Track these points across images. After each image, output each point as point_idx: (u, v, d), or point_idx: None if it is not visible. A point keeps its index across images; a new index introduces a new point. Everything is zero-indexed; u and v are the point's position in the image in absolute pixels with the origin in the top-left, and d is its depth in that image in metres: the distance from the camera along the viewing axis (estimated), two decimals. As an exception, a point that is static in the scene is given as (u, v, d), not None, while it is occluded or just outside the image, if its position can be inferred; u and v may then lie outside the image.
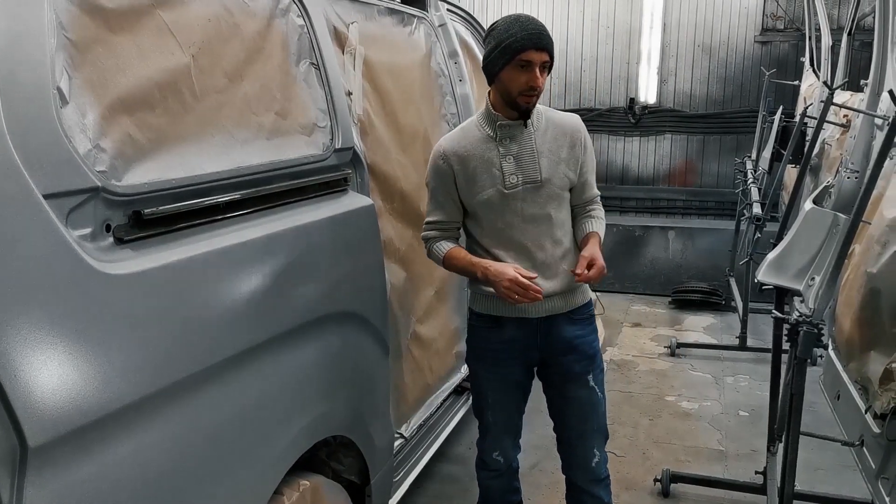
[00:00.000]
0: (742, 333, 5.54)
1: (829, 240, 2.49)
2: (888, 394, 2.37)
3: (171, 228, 1.67)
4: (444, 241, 2.64)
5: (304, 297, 2.10)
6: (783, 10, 7.17)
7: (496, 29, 2.49)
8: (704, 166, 7.64)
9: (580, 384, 2.67)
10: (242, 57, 2.01)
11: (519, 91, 2.46)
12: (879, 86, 3.74)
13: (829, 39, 5.38)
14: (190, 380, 1.65)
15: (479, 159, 2.55)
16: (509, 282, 2.39)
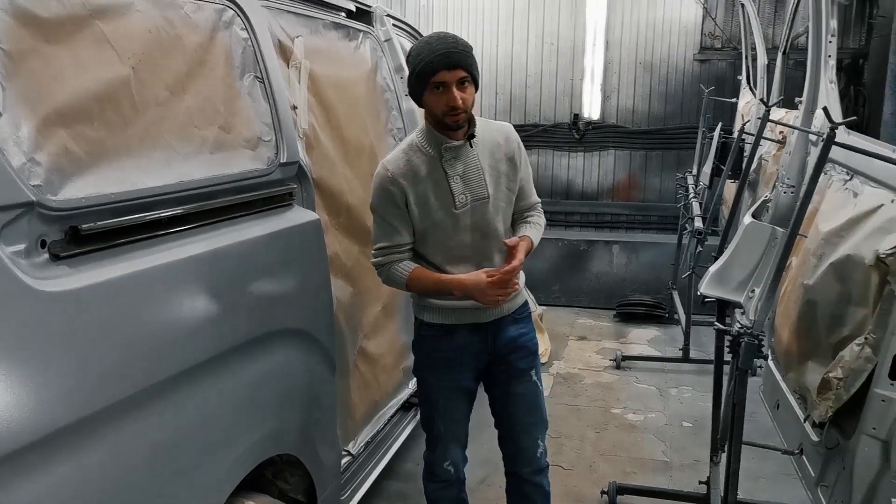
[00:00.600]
0: (685, 345, 5.62)
1: (767, 253, 2.55)
2: (826, 403, 2.42)
3: (110, 244, 1.63)
4: (401, 263, 2.61)
5: (249, 314, 2.07)
6: (720, 29, 7.36)
7: (411, 54, 2.51)
8: (647, 181, 7.77)
9: (525, 380, 2.76)
10: (184, 69, 1.97)
11: (442, 112, 2.48)
12: (813, 103, 3.85)
13: (765, 58, 5.54)
14: (130, 400, 1.61)
15: (427, 181, 2.56)
16: (490, 286, 2.47)
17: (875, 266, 2.29)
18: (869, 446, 2.25)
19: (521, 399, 2.78)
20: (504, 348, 2.72)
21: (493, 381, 2.80)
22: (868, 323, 2.35)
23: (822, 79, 3.24)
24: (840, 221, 2.65)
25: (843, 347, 2.46)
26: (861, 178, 2.70)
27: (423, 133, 2.62)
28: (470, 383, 2.77)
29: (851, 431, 2.35)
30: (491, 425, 2.85)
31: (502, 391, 2.79)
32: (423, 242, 2.64)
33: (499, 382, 2.79)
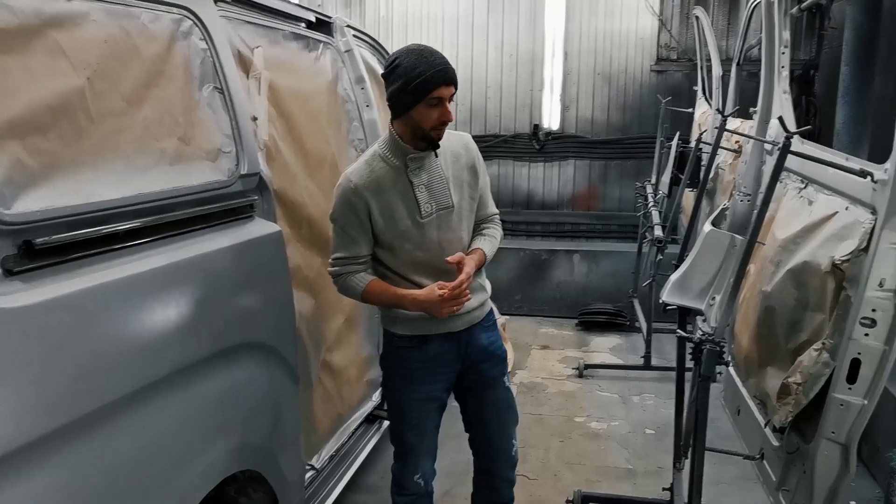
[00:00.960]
0: (646, 353, 5.67)
1: (727, 260, 2.58)
2: (785, 408, 2.45)
3: (66, 259, 1.59)
4: (357, 274, 2.61)
5: (210, 328, 2.03)
6: (676, 41, 7.47)
7: (400, 66, 2.47)
8: (606, 191, 7.85)
9: (497, 387, 2.81)
10: (142, 80, 1.94)
11: (431, 126, 2.49)
12: (767, 113, 3.93)
13: (720, 69, 5.63)
14: (88, 418, 1.57)
15: (392, 192, 2.56)
16: (442, 302, 2.47)
17: (831, 272, 2.34)
18: (829, 450, 2.29)
19: (494, 406, 2.82)
20: (476, 356, 2.74)
21: (466, 391, 2.82)
22: (825, 328, 2.39)
23: (776, 89, 3.31)
24: (796, 229, 2.70)
25: (802, 353, 2.50)
26: (815, 186, 2.75)
27: (386, 143, 2.62)
28: (442, 394, 2.77)
29: (811, 436, 2.39)
30: (453, 436, 2.85)
31: (475, 400, 2.82)
32: (388, 253, 2.63)
33: (471, 391, 2.81)
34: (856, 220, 2.32)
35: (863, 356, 2.20)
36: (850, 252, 2.27)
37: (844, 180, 2.47)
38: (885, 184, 2.15)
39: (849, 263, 2.27)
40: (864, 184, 2.28)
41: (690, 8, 7.22)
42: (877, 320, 2.18)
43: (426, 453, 2.80)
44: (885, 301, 2.16)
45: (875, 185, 2.21)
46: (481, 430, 2.87)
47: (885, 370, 2.18)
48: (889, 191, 2.12)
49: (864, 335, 2.20)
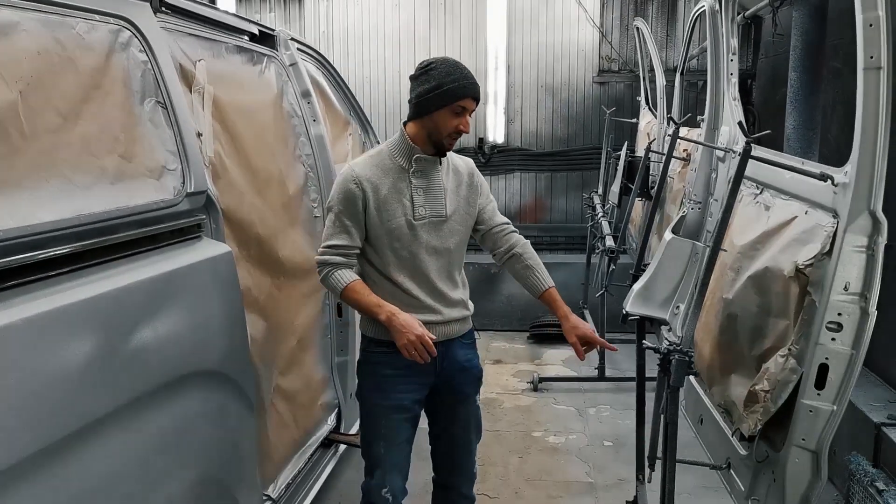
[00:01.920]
0: (600, 365, 5.65)
1: (690, 268, 2.55)
2: (754, 416, 2.42)
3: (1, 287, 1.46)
4: (345, 269, 2.61)
5: (159, 358, 1.90)
6: (617, 52, 7.54)
7: (435, 69, 2.57)
8: (553, 202, 7.86)
9: (468, 403, 2.84)
10: (79, 94, 1.82)
11: (448, 133, 2.59)
12: (715, 121, 3.95)
13: (663, 79, 5.68)
14: (24, 464, 1.43)
15: (390, 188, 2.62)
16: (416, 337, 2.46)
17: (795, 277, 2.31)
18: (799, 457, 2.26)
19: (465, 422, 2.85)
20: (451, 371, 2.75)
21: (437, 404, 2.83)
22: (790, 334, 2.37)
23: (725, 96, 3.31)
24: (755, 235, 2.68)
25: (767, 359, 2.47)
26: (772, 191, 2.74)
27: (395, 142, 2.69)
28: (413, 405, 2.75)
29: (780, 443, 2.36)
30: (418, 454, 2.76)
31: (446, 414, 2.84)
32: (375, 249, 2.66)
33: (443, 404, 2.83)
34: (816, 224, 2.30)
35: (830, 361, 2.18)
36: (813, 256, 2.25)
37: (802, 185, 2.46)
38: (847, 187, 2.14)
39: (812, 268, 2.25)
40: (823, 187, 2.27)
41: (630, 19, 7.30)
42: (843, 324, 2.16)
43: (395, 468, 2.74)
44: (851, 305, 2.14)
45: (836, 189, 2.20)
46: (446, 445, 2.88)
47: (853, 375, 2.16)
48: (850, 193, 2.11)
49: (830, 340, 2.17)
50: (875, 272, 2.10)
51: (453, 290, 2.74)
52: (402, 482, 2.77)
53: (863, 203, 2.09)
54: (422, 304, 2.66)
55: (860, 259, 2.12)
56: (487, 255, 2.89)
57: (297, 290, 3.31)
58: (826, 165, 2.32)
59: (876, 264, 2.10)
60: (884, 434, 3.38)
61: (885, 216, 2.08)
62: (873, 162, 2.05)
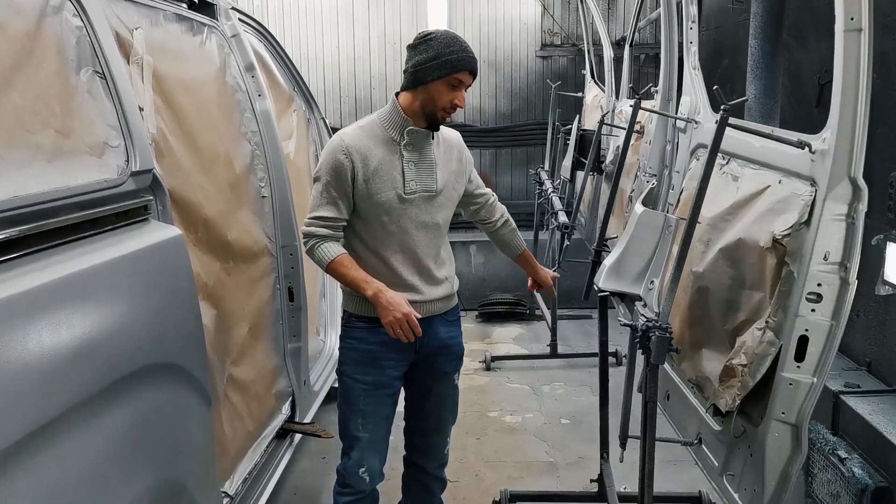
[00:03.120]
0: (552, 342, 5.60)
1: (662, 242, 2.48)
2: (731, 391, 2.38)
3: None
4: (332, 242, 2.57)
5: (108, 353, 1.72)
6: (559, 26, 7.47)
7: (434, 39, 2.51)
8: (498, 179, 7.77)
9: (446, 382, 2.82)
10: (8, 62, 1.63)
11: (442, 106, 2.52)
12: (670, 91, 3.91)
13: (611, 52, 5.63)
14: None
15: (381, 160, 2.55)
16: (403, 315, 2.43)
17: (771, 248, 2.27)
18: (779, 431, 2.22)
19: (440, 400, 2.83)
20: (432, 348, 2.71)
21: (414, 380, 2.80)
22: (766, 306, 2.32)
23: (686, 65, 3.25)
24: (724, 206, 2.63)
25: (741, 333, 2.43)
26: (739, 161, 2.69)
27: (387, 113, 2.61)
28: (394, 381, 2.72)
29: (758, 417, 2.32)
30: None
31: (422, 390, 2.81)
32: (363, 222, 2.61)
33: (419, 381, 2.80)
34: (792, 193, 2.25)
35: (810, 333, 2.14)
36: (790, 226, 2.20)
37: (774, 153, 2.41)
38: (825, 153, 2.09)
39: (790, 238, 2.20)
40: (799, 155, 2.22)
41: (572, -7, 7.24)
42: (823, 295, 2.12)
43: (373, 447, 2.70)
44: (831, 275, 2.10)
45: (813, 156, 2.14)
46: (420, 422, 2.87)
47: (833, 346, 2.12)
48: (830, 160, 2.06)
49: (810, 311, 2.14)
50: (855, 241, 2.07)
51: (439, 268, 2.70)
52: (379, 464, 2.73)
53: (843, 170, 2.04)
54: (404, 282, 2.60)
55: (840, 228, 2.08)
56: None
57: (247, 274, 3.14)
58: (802, 134, 2.26)
59: (856, 232, 2.06)
60: (842, 402, 3.39)
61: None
62: (854, 127, 2.00)
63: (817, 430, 3.48)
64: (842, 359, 3.85)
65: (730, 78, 5.09)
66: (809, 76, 4.15)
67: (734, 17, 4.89)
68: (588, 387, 5.11)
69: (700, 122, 3.08)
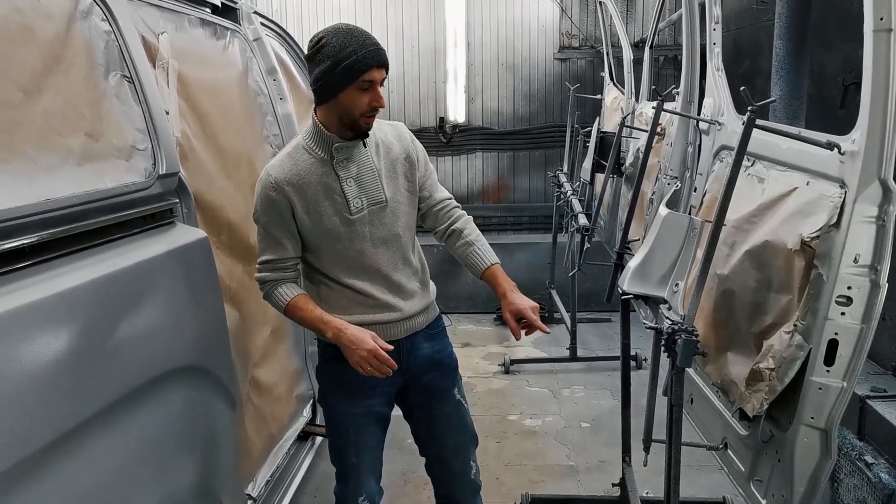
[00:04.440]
0: (572, 345, 5.58)
1: (687, 244, 2.46)
2: (758, 395, 2.35)
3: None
4: (285, 284, 2.36)
5: (138, 355, 1.74)
6: (578, 28, 7.44)
7: (327, 45, 2.21)
8: (516, 182, 7.75)
9: (446, 399, 2.59)
10: (39, 66, 1.64)
11: (362, 113, 2.26)
12: (692, 93, 3.88)
13: (631, 53, 5.60)
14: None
15: (316, 186, 2.32)
16: (368, 353, 2.21)
17: (800, 250, 2.24)
18: (808, 436, 2.19)
19: (445, 421, 2.60)
20: (420, 367, 2.51)
21: (413, 405, 2.59)
22: (794, 309, 2.30)
23: (709, 66, 3.23)
24: (749, 208, 2.60)
25: (768, 336, 2.40)
26: (765, 162, 2.67)
27: (310, 134, 2.36)
28: (383, 409, 2.53)
29: (786, 422, 2.29)
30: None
31: (424, 415, 2.60)
32: (317, 254, 2.40)
33: (419, 405, 2.59)
34: (821, 195, 2.23)
35: (840, 336, 2.11)
36: (819, 228, 2.17)
37: (801, 154, 2.39)
38: (855, 155, 2.06)
39: (818, 240, 2.18)
40: (828, 156, 2.19)
41: (591, -5, 7.22)
42: (853, 298, 2.09)
43: (369, 472, 2.54)
44: (861, 277, 2.07)
45: (843, 158, 2.12)
46: (436, 451, 2.65)
47: (863, 350, 2.09)
48: (860, 162, 2.04)
49: (840, 314, 2.10)
50: (886, 243, 2.03)
51: (410, 280, 2.47)
52: (376, 484, 2.58)
53: (873, 171, 2.01)
54: (379, 302, 2.40)
55: (870, 230, 2.05)
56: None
57: (269, 277, 3.15)
58: (831, 135, 2.24)
59: (887, 235, 2.02)
60: (869, 407, 3.35)
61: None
62: (884, 128, 1.97)
63: (843, 434, 3.45)
64: (868, 363, 3.81)
65: (751, 79, 5.05)
66: (833, 77, 4.11)
67: (755, 19, 4.85)
68: (608, 390, 5.09)
69: (724, 124, 3.05)
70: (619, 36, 5.82)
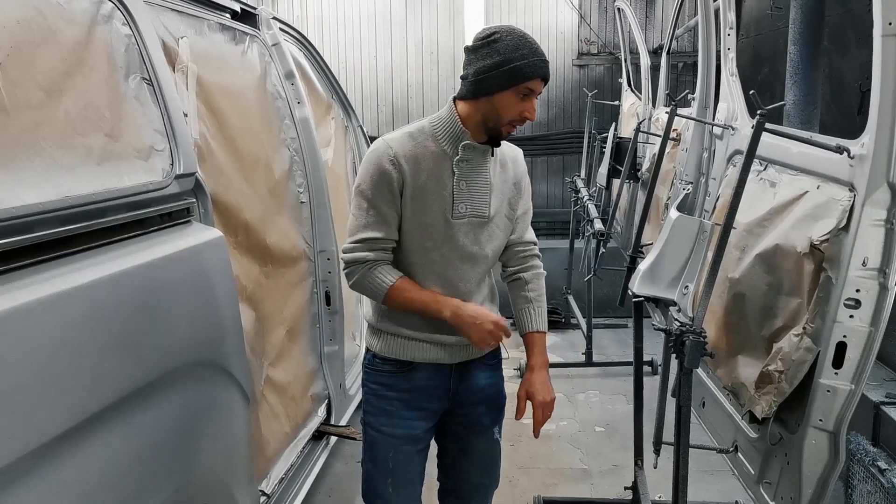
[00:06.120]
0: (587, 349, 5.59)
1: (697, 247, 2.48)
2: (767, 397, 2.36)
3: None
4: (384, 265, 2.17)
5: (153, 350, 1.78)
6: (596, 35, 7.47)
7: (500, 41, 2.08)
8: (534, 188, 7.74)
9: (485, 436, 2.41)
10: (61, 67, 1.68)
11: (510, 120, 2.13)
12: (707, 98, 3.89)
13: (648, 60, 5.61)
14: (9, 470, 1.31)
15: (430, 174, 2.14)
16: (494, 325, 2.14)
17: (809, 253, 2.26)
18: (816, 439, 2.20)
19: (478, 458, 2.43)
20: (468, 397, 2.32)
21: (448, 433, 2.40)
22: (803, 312, 2.31)
23: (723, 72, 3.25)
24: (761, 212, 2.62)
25: (778, 339, 2.41)
26: (777, 167, 2.68)
27: (441, 121, 2.18)
28: (425, 434, 2.33)
29: (795, 425, 2.30)
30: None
31: (457, 446, 2.41)
32: (403, 247, 2.21)
33: (455, 434, 2.40)
34: (830, 199, 2.24)
35: (848, 339, 2.12)
36: (828, 231, 2.19)
37: (812, 158, 2.40)
38: (864, 158, 2.07)
39: (828, 243, 2.19)
40: (838, 160, 2.21)
41: (609, 2, 7.23)
42: (861, 301, 2.10)
43: None
44: (870, 280, 2.09)
45: (852, 161, 2.13)
46: (457, 484, 2.48)
47: (871, 352, 2.10)
48: (868, 166, 2.05)
49: (848, 317, 2.12)
50: (894, 246, 2.04)
51: (478, 298, 2.30)
52: None
53: (882, 175, 2.03)
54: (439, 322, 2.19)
55: (879, 233, 2.07)
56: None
57: (285, 278, 3.20)
58: (840, 139, 2.25)
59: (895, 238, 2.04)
60: (883, 413, 3.34)
61: (904, 188, 2.02)
62: (892, 132, 1.99)
63: (857, 440, 3.44)
64: (882, 369, 3.80)
65: (769, 85, 5.05)
66: (851, 83, 4.11)
67: (774, 25, 4.85)
68: (623, 395, 5.09)
69: (737, 129, 3.07)
70: (637, 42, 5.83)
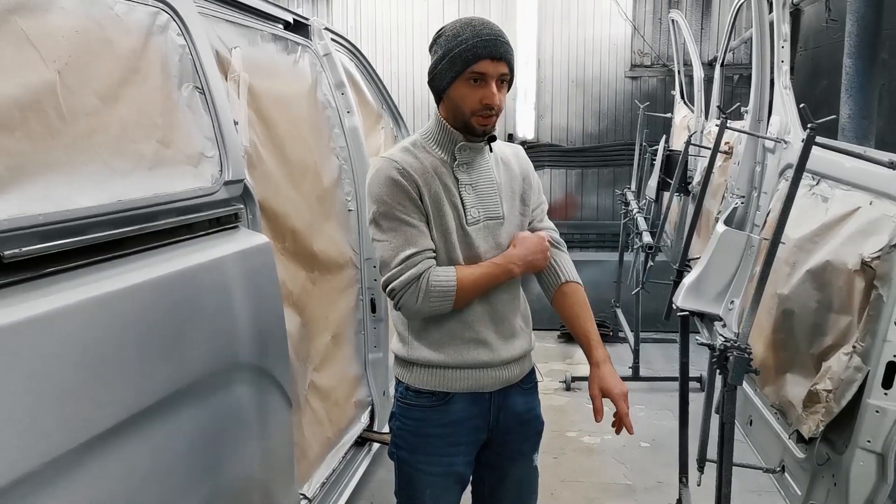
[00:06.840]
0: (634, 363, 5.53)
1: (744, 261, 2.45)
2: (815, 417, 2.31)
3: (39, 273, 1.39)
4: (436, 267, 2.01)
5: (199, 350, 1.83)
6: (649, 46, 7.41)
7: (443, 35, 2.00)
8: (584, 199, 7.74)
9: (524, 464, 2.27)
10: (117, 76, 1.74)
11: (472, 111, 1.98)
12: (761, 111, 3.83)
13: (701, 72, 5.55)
14: (61, 461, 1.36)
15: (437, 183, 2.03)
16: (538, 238, 2.12)
17: (860, 271, 2.21)
18: (864, 460, 2.15)
19: (515, 486, 2.28)
20: (507, 425, 2.18)
21: (485, 462, 2.25)
22: (853, 331, 2.26)
23: (776, 84, 3.20)
24: (812, 227, 2.58)
25: (828, 357, 2.36)
26: (829, 181, 2.63)
27: (430, 131, 2.10)
28: (465, 469, 2.20)
29: (843, 445, 2.25)
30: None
31: (495, 475, 2.27)
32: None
33: (492, 464, 2.25)
34: (883, 215, 2.19)
35: (899, 359, 2.07)
36: (880, 248, 2.14)
37: (865, 174, 2.35)
38: (918, 175, 2.03)
39: (879, 260, 2.14)
40: (890, 176, 2.16)
41: (663, 13, 7.17)
42: (913, 320, 2.05)
43: None
44: (922, 299, 2.03)
45: (905, 177, 2.09)
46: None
47: (923, 373, 2.05)
48: (923, 182, 2.00)
49: (899, 336, 2.07)
50: (948, 265, 1.99)
51: (515, 315, 2.15)
52: None
53: (936, 192, 1.98)
54: (476, 337, 2.08)
55: (932, 251, 2.01)
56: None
57: (331, 284, 3.24)
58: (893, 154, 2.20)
59: (950, 256, 1.98)
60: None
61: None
62: (948, 148, 1.94)
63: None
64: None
65: (827, 99, 4.95)
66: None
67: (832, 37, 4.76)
68: (669, 411, 5.02)
69: (790, 143, 3.02)
70: (690, 54, 5.78)
